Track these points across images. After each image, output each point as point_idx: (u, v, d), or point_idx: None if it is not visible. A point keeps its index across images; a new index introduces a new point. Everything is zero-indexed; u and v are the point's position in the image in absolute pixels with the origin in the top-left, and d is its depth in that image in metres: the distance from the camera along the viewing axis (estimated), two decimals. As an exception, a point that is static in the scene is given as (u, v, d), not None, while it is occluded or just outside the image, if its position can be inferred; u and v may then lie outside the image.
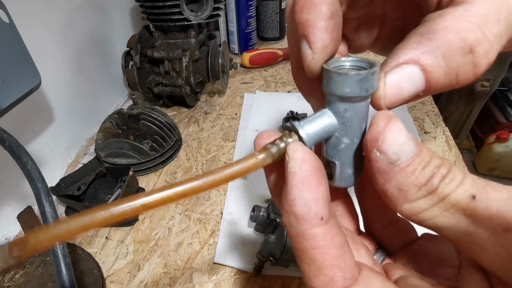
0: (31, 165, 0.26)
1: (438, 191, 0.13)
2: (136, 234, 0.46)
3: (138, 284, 0.41)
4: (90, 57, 0.64)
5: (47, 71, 0.51)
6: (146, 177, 0.55)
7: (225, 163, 0.56)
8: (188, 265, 0.42)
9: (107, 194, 0.51)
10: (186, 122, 0.67)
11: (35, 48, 0.45)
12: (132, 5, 0.77)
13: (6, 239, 0.47)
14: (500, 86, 1.37)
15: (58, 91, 0.56)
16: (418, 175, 0.14)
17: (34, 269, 0.40)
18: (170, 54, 0.60)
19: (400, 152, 0.14)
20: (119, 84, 0.76)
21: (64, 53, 0.57)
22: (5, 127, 0.29)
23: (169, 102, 0.70)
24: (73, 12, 0.58)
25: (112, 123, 0.58)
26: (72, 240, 0.46)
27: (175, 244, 0.44)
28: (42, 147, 0.53)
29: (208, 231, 0.46)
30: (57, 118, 0.56)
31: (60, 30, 0.55)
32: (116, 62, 0.71)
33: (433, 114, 0.62)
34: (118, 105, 0.74)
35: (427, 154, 0.14)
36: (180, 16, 0.59)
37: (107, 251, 0.45)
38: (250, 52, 0.78)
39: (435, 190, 0.13)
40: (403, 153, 0.14)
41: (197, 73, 0.64)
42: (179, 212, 0.49)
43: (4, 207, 0.48)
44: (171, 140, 0.57)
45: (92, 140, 0.64)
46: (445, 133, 0.58)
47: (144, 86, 0.65)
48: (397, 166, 0.14)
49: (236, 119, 0.65)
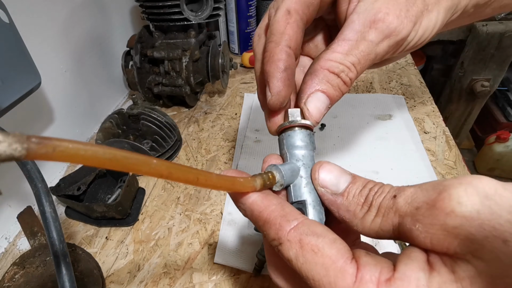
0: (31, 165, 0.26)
1: (374, 203, 0.18)
2: (136, 234, 0.46)
3: (138, 284, 0.41)
4: (90, 57, 0.64)
5: (47, 71, 0.51)
6: (146, 177, 0.55)
7: (225, 163, 0.56)
8: (188, 265, 0.42)
9: (107, 194, 0.51)
10: (186, 122, 0.67)
11: (35, 48, 0.45)
12: (132, 5, 0.77)
13: (6, 239, 0.48)
14: (500, 86, 1.36)
15: (58, 91, 0.56)
16: (357, 196, 0.19)
17: (34, 269, 0.40)
18: (170, 54, 0.60)
19: (337, 183, 0.20)
20: (119, 84, 0.76)
21: (64, 53, 0.57)
22: (5, 127, 0.29)
23: (169, 102, 0.70)
24: (73, 12, 0.58)
25: (112, 123, 0.58)
26: (72, 240, 0.46)
27: (175, 244, 0.44)
28: (42, 147, 0.53)
29: (208, 231, 0.46)
30: (57, 118, 0.56)
31: (60, 30, 0.55)
32: (116, 62, 0.71)
33: (433, 114, 0.62)
34: (118, 105, 0.74)
35: (361, 181, 0.20)
36: (180, 16, 0.59)
37: (107, 251, 0.44)
38: (250, 52, 0.78)
39: (372, 204, 0.19)
40: (340, 183, 0.20)
41: (197, 73, 0.64)
42: (179, 212, 0.49)
43: (4, 207, 0.48)
44: (171, 140, 0.57)
45: (92, 140, 0.64)
46: (445, 133, 0.58)
47: (144, 86, 0.65)
48: (339, 194, 0.20)
49: (236, 119, 0.65)
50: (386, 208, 0.18)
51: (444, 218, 0.15)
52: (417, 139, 0.56)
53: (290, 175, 0.21)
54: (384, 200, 0.18)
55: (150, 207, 0.50)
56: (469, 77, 1.29)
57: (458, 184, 0.15)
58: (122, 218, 0.47)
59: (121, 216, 0.47)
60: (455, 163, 0.52)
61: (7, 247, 0.47)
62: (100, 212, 0.46)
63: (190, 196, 0.51)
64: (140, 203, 0.50)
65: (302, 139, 0.23)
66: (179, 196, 0.51)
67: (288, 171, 0.21)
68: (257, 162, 0.55)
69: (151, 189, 0.53)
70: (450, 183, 0.15)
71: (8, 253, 0.46)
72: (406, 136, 0.57)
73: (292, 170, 0.22)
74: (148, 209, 0.50)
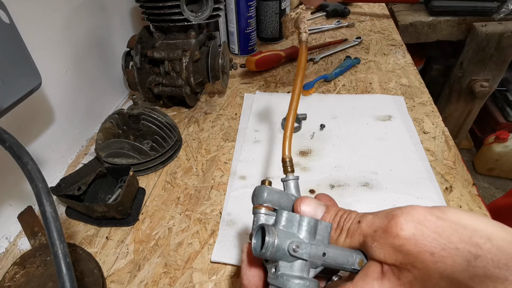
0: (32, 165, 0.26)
1: (344, 227, 0.24)
2: (136, 234, 0.46)
3: (138, 284, 0.41)
4: (91, 58, 0.64)
5: (47, 71, 0.51)
6: (146, 177, 0.55)
7: (225, 163, 0.56)
8: (188, 265, 0.42)
9: (107, 194, 0.51)
10: (186, 122, 0.67)
11: (35, 48, 0.46)
12: (132, 5, 0.77)
13: (6, 239, 0.48)
14: (499, 86, 1.37)
15: (58, 91, 0.56)
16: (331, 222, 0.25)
17: (34, 269, 0.40)
18: (170, 55, 0.60)
19: (315, 214, 0.25)
20: (119, 84, 0.76)
21: (64, 53, 0.57)
22: (6, 127, 0.29)
23: (169, 102, 0.70)
24: (74, 13, 0.58)
25: (112, 123, 0.58)
26: (72, 240, 0.46)
27: (175, 244, 0.45)
28: (43, 147, 0.54)
29: (208, 231, 0.46)
30: (57, 118, 0.56)
31: (61, 30, 0.56)
32: (116, 62, 0.71)
33: (433, 114, 0.62)
34: (118, 105, 0.75)
35: (334, 210, 0.25)
36: (180, 16, 0.59)
37: (107, 251, 0.45)
38: (255, 56, 0.75)
39: (343, 228, 0.24)
40: (317, 214, 0.25)
41: (197, 74, 0.64)
42: (179, 212, 0.49)
43: (5, 207, 0.48)
44: (171, 140, 0.57)
45: (92, 140, 0.64)
46: (445, 133, 0.58)
47: (144, 86, 0.65)
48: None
49: (236, 119, 0.66)
50: (352, 231, 0.23)
51: (392, 240, 0.21)
52: (417, 139, 0.56)
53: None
54: (351, 225, 0.24)
55: (150, 207, 0.50)
56: (468, 77, 1.29)
57: (400, 214, 0.21)
58: (122, 218, 0.47)
59: (121, 216, 0.47)
60: (454, 163, 0.52)
61: (7, 247, 0.47)
62: (100, 212, 0.46)
63: (190, 196, 0.51)
64: (140, 203, 0.50)
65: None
66: (179, 196, 0.51)
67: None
68: (256, 162, 0.55)
69: (151, 189, 0.53)
70: (396, 213, 0.21)
71: (8, 253, 0.46)
72: (405, 137, 0.57)
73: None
74: (148, 209, 0.50)
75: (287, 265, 0.22)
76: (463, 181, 0.49)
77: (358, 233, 0.23)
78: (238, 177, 0.53)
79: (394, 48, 0.85)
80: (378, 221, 0.22)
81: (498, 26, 1.15)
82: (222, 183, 0.52)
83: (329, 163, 0.54)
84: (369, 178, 0.50)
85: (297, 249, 0.22)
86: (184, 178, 0.54)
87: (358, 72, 0.76)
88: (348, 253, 0.24)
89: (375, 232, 0.22)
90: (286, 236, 0.22)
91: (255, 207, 0.25)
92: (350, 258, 0.23)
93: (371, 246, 0.22)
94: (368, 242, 0.22)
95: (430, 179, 0.49)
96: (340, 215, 0.25)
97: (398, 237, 0.20)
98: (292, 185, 0.28)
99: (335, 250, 0.23)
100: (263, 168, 0.54)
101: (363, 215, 0.23)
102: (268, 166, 0.54)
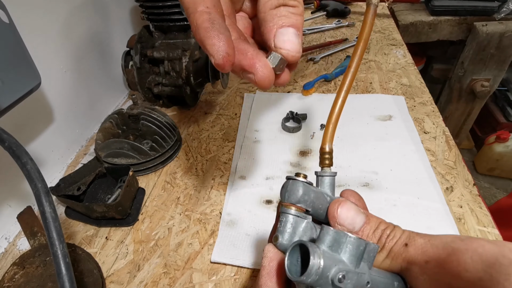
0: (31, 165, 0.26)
1: (386, 246, 0.20)
2: (136, 234, 0.46)
3: (138, 284, 0.41)
4: (90, 57, 0.64)
5: (47, 71, 0.51)
6: (146, 177, 0.55)
7: (225, 163, 0.56)
8: (188, 265, 0.42)
9: (107, 194, 0.51)
10: (186, 122, 0.67)
11: (35, 48, 0.45)
12: (132, 5, 0.77)
13: (6, 239, 0.48)
14: (500, 86, 1.37)
15: (58, 91, 0.56)
16: (371, 236, 0.21)
17: (34, 269, 0.40)
18: (170, 54, 0.60)
19: (353, 223, 0.21)
20: (119, 84, 0.76)
21: (64, 53, 0.57)
22: (5, 127, 0.29)
23: (169, 102, 0.70)
24: (73, 12, 0.58)
25: (112, 123, 0.58)
26: (72, 240, 0.46)
27: (175, 244, 0.44)
28: (42, 147, 0.53)
29: (208, 231, 0.46)
30: (57, 118, 0.56)
31: (60, 30, 0.55)
32: (116, 62, 0.71)
33: (433, 114, 0.62)
34: (118, 105, 0.74)
35: (375, 221, 0.21)
36: (180, 16, 0.59)
37: (107, 251, 0.44)
38: None
39: (384, 246, 0.20)
40: (356, 223, 0.21)
41: (197, 73, 0.64)
42: (179, 212, 0.49)
43: (4, 207, 0.48)
44: (171, 140, 0.57)
45: (92, 140, 0.64)
46: (445, 133, 0.58)
47: (144, 86, 0.65)
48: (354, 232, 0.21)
49: (236, 119, 0.65)
50: (396, 253, 0.20)
51: (450, 279, 0.17)
52: (417, 139, 0.56)
53: None
54: (395, 246, 0.20)
55: (150, 207, 0.50)
56: (469, 77, 1.29)
57: (464, 250, 0.17)
58: (122, 218, 0.47)
59: (121, 216, 0.47)
60: (455, 163, 0.52)
61: (7, 247, 0.47)
62: (100, 212, 0.46)
63: (190, 196, 0.51)
64: (140, 203, 0.50)
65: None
66: (179, 196, 0.51)
67: None
68: (256, 162, 0.55)
69: (151, 189, 0.53)
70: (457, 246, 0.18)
71: (8, 253, 0.46)
72: (406, 137, 0.57)
73: None
74: (148, 209, 0.50)
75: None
76: (464, 181, 0.49)
77: (402, 258, 0.20)
78: (238, 177, 0.53)
79: (394, 48, 0.85)
80: (433, 251, 0.18)
81: (499, 26, 1.15)
82: (222, 183, 0.52)
83: (330, 163, 0.54)
84: (370, 178, 0.50)
85: (343, 280, 0.18)
86: (184, 178, 0.54)
87: (358, 71, 0.76)
88: (389, 281, 0.20)
89: (426, 264, 0.18)
90: (332, 260, 0.18)
91: (285, 205, 0.21)
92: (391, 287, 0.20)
93: (417, 277, 0.19)
94: (414, 272, 0.19)
95: (431, 179, 0.49)
96: (382, 229, 0.21)
97: (459, 278, 0.17)
98: (327, 182, 0.24)
99: (377, 277, 0.20)
100: (263, 168, 0.54)
101: (411, 236, 0.20)
102: (268, 166, 0.54)
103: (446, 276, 0.17)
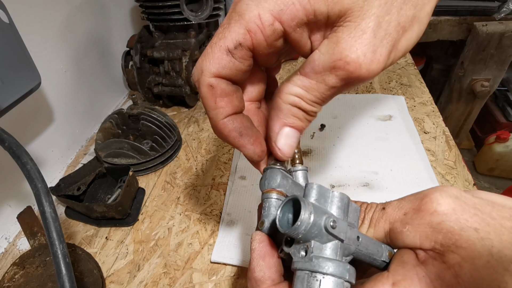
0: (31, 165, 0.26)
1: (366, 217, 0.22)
2: (136, 234, 0.46)
3: (138, 284, 0.41)
4: (90, 57, 0.64)
5: (47, 71, 0.51)
6: (146, 177, 0.55)
7: (225, 163, 0.56)
8: (188, 265, 0.42)
9: (107, 194, 0.51)
10: (186, 122, 0.67)
11: (35, 48, 0.46)
12: (132, 5, 0.77)
13: (6, 239, 0.48)
14: (500, 86, 1.37)
15: (58, 91, 0.56)
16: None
17: (34, 269, 0.40)
18: (170, 54, 0.60)
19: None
20: (119, 84, 0.76)
21: (64, 53, 0.57)
22: (5, 127, 0.29)
23: (169, 102, 0.70)
24: (73, 12, 0.58)
25: (112, 123, 0.58)
26: (72, 240, 0.46)
27: (175, 244, 0.44)
28: (42, 147, 0.53)
29: (208, 231, 0.46)
30: (57, 118, 0.56)
31: (60, 30, 0.55)
32: (116, 62, 0.71)
33: (433, 114, 0.62)
34: (118, 105, 0.74)
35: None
36: (180, 16, 0.59)
37: (107, 251, 0.44)
38: None
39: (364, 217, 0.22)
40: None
41: (197, 73, 0.64)
42: (179, 212, 0.49)
43: (4, 207, 0.48)
44: (171, 140, 0.57)
45: (92, 140, 0.64)
46: (445, 133, 0.58)
47: (144, 86, 0.65)
48: None
49: (236, 119, 0.65)
50: (377, 219, 0.21)
51: (429, 217, 0.19)
52: (417, 139, 0.56)
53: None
54: (374, 213, 0.22)
55: (150, 207, 0.50)
56: (469, 77, 1.29)
57: (434, 191, 0.19)
58: (122, 218, 0.47)
59: (121, 216, 0.47)
60: (455, 163, 0.52)
61: (7, 247, 0.47)
62: (100, 212, 0.46)
63: (190, 196, 0.51)
64: (140, 203, 0.50)
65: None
66: (179, 196, 0.51)
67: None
68: (257, 162, 0.55)
69: (151, 189, 0.53)
70: (428, 191, 0.20)
71: (8, 253, 0.46)
72: (406, 137, 0.57)
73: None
74: (148, 209, 0.50)
75: (319, 247, 0.19)
76: (464, 181, 0.49)
77: (383, 220, 0.21)
78: (238, 177, 0.53)
79: (394, 48, 0.84)
80: (408, 203, 0.20)
81: (499, 26, 1.15)
82: (222, 183, 0.52)
83: (330, 163, 0.54)
84: (370, 178, 0.50)
85: (335, 226, 0.18)
86: (184, 178, 0.54)
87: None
88: (377, 242, 0.21)
89: (405, 215, 0.20)
90: (321, 210, 0.19)
91: (266, 192, 0.22)
92: (379, 248, 0.21)
93: (401, 231, 0.20)
94: (397, 228, 0.20)
95: (431, 179, 0.49)
96: (360, 204, 0.23)
97: (436, 213, 0.18)
98: (301, 175, 0.26)
99: (365, 237, 0.20)
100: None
101: (387, 202, 0.22)
102: (268, 166, 0.54)
103: (425, 216, 0.19)
